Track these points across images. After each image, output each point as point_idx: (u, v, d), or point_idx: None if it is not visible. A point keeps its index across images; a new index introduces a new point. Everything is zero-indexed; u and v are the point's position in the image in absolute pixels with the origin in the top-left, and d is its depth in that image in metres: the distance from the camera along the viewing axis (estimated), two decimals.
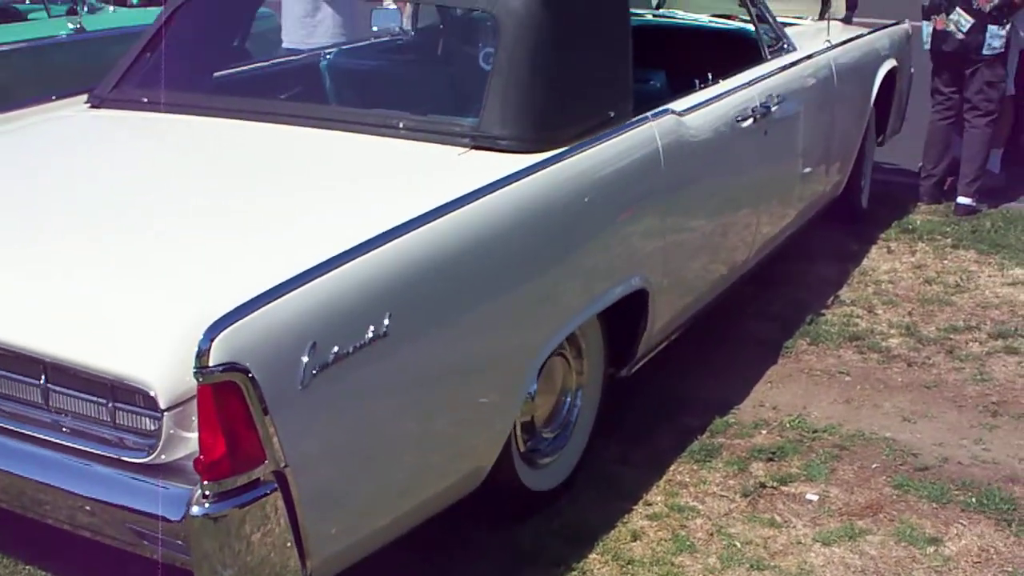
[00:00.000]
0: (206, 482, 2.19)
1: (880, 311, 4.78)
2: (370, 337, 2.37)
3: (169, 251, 2.54)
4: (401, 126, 3.17)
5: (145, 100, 3.54)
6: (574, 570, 3.04)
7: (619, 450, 3.63)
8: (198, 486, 2.21)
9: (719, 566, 3.07)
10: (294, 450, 2.24)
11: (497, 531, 3.18)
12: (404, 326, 2.46)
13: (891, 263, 5.35)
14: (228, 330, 2.13)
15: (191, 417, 2.21)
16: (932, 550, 3.14)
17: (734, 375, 4.18)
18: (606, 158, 3.24)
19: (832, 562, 3.10)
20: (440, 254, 2.59)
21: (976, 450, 3.68)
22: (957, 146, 6.26)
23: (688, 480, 3.48)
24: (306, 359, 2.24)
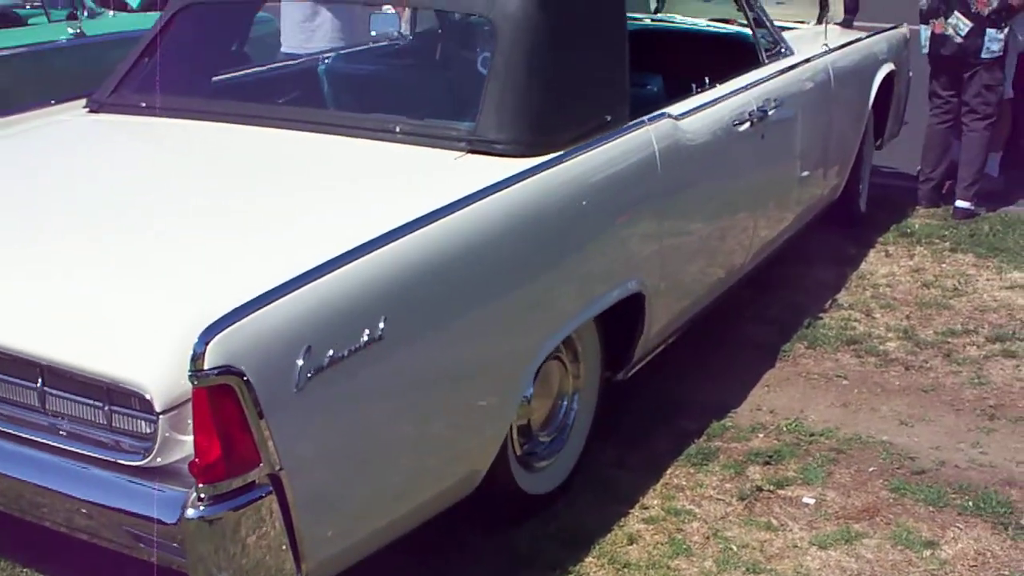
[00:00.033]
0: (201, 485, 2.20)
1: (878, 315, 4.78)
2: (365, 340, 2.38)
3: (165, 255, 2.54)
4: (398, 130, 3.18)
5: (143, 105, 3.55)
6: (570, 573, 3.04)
7: (616, 454, 3.63)
8: (193, 489, 2.22)
9: (715, 569, 3.07)
10: (289, 453, 2.24)
11: (493, 534, 3.18)
12: (399, 329, 2.47)
13: (889, 267, 5.35)
14: (223, 333, 2.13)
15: (187, 420, 2.22)
16: (928, 553, 3.15)
17: (731, 379, 4.18)
18: (602, 162, 3.24)
19: (828, 565, 3.10)
20: (435, 258, 2.60)
21: (973, 453, 3.68)
22: (955, 150, 6.26)
23: (685, 484, 3.48)
24: (301, 362, 2.24)
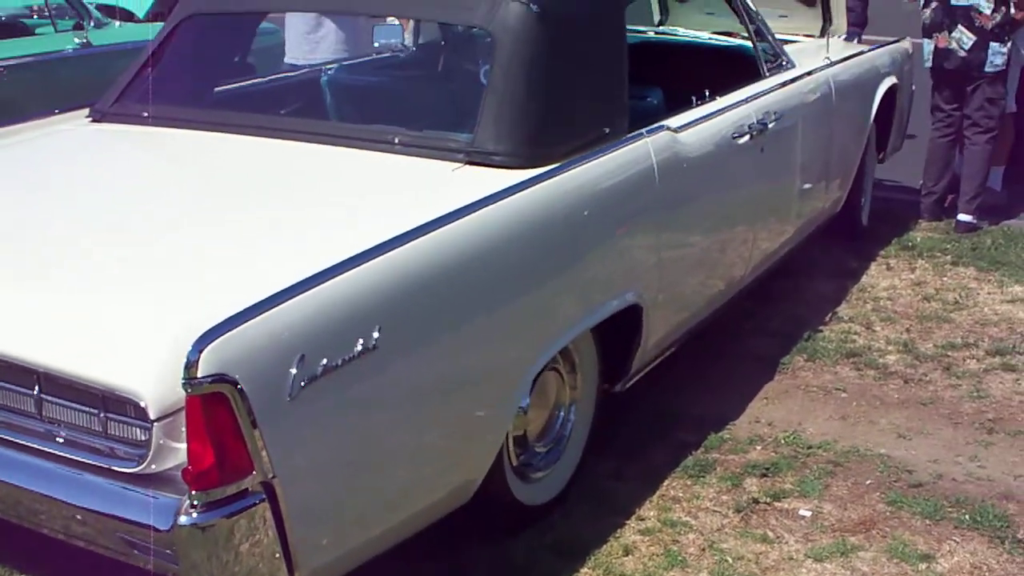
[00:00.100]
0: (194, 492, 2.21)
1: (878, 328, 4.78)
2: (359, 350, 2.39)
3: (161, 263, 2.56)
4: (397, 141, 3.19)
5: (145, 115, 3.57)
6: None
7: (613, 465, 3.63)
8: (186, 496, 2.23)
9: None
10: (282, 461, 2.25)
11: (490, 544, 3.18)
12: (394, 339, 2.48)
13: (890, 280, 5.35)
14: (217, 342, 2.15)
15: (181, 428, 2.23)
16: (924, 567, 3.14)
17: (730, 391, 4.18)
18: (600, 174, 3.26)
19: None
20: (430, 268, 2.61)
21: (971, 467, 3.68)
22: (958, 163, 6.27)
23: (681, 495, 3.48)
24: (294, 371, 2.26)
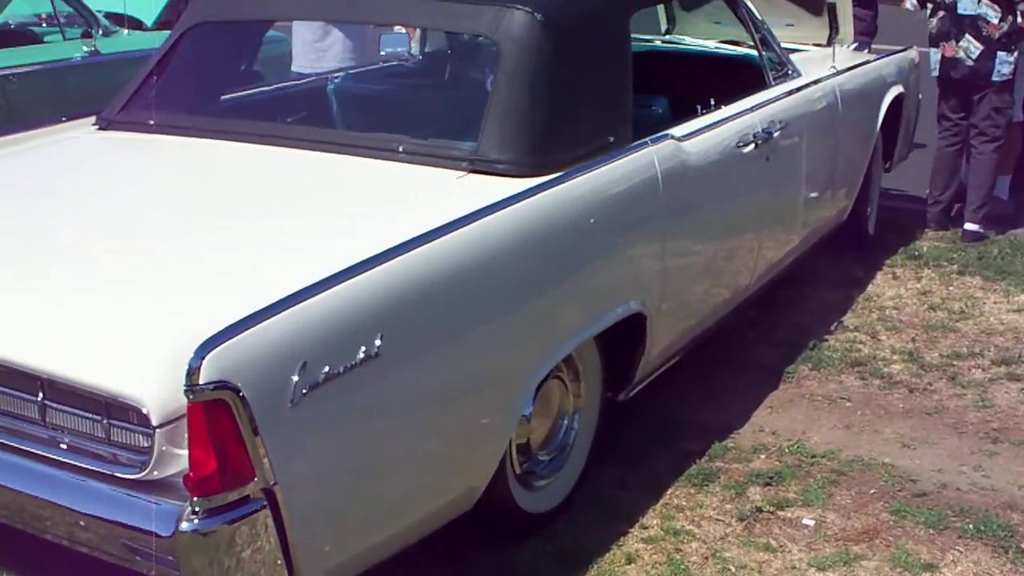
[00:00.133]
0: (195, 498, 2.22)
1: (883, 337, 4.77)
2: (361, 357, 2.40)
3: (165, 270, 2.58)
4: (401, 150, 3.21)
5: (151, 123, 3.59)
6: None
7: (617, 473, 3.63)
8: (188, 502, 2.24)
9: None
10: (283, 468, 2.26)
11: (493, 551, 3.18)
12: (396, 347, 2.48)
13: (896, 289, 5.35)
14: (219, 349, 2.16)
15: (183, 434, 2.24)
16: None
17: (735, 399, 4.18)
18: (603, 183, 3.26)
19: None
20: (433, 276, 2.61)
21: (975, 476, 3.67)
22: (964, 172, 6.27)
23: (685, 504, 3.48)
24: (296, 378, 2.26)
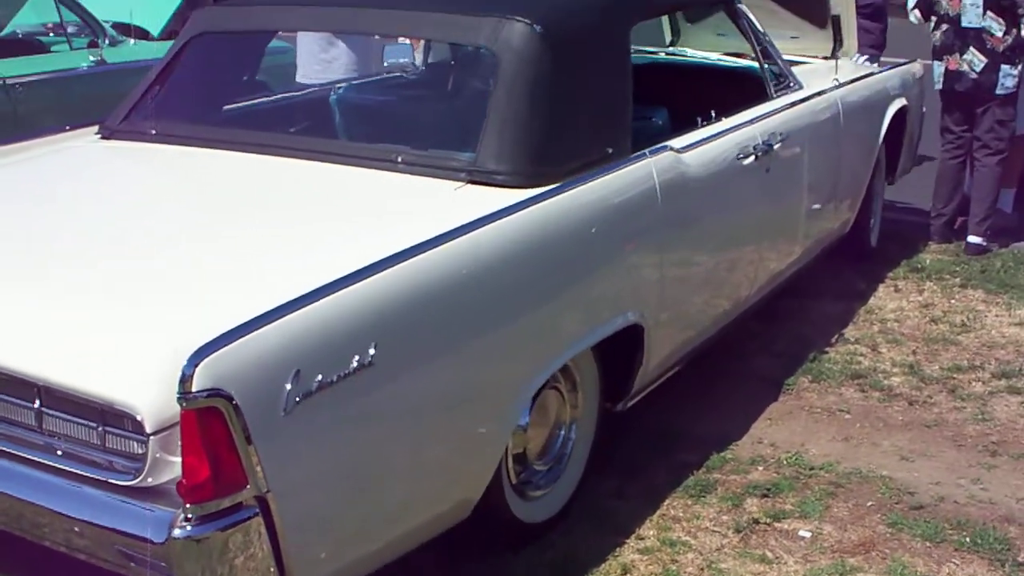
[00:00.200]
0: (188, 505, 2.23)
1: (884, 349, 4.77)
2: (355, 366, 2.41)
3: (161, 278, 2.59)
4: (400, 160, 3.22)
5: (153, 132, 3.62)
6: None
7: (615, 484, 3.63)
8: (181, 509, 2.25)
9: None
10: (276, 475, 2.27)
11: (490, 560, 3.19)
12: (390, 356, 2.49)
13: (898, 302, 5.34)
14: (212, 356, 2.17)
15: (176, 441, 2.25)
16: None
17: (734, 411, 4.18)
18: (601, 194, 3.27)
19: None
20: (428, 286, 2.62)
21: (973, 489, 3.67)
22: (968, 185, 6.26)
23: (681, 515, 3.48)
24: (289, 386, 2.28)
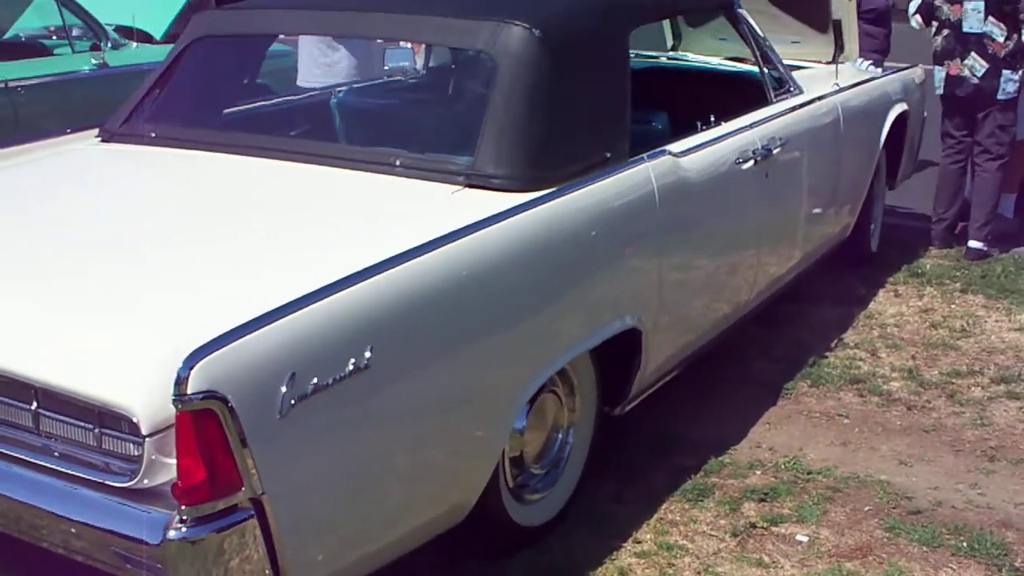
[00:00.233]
0: (183, 507, 2.24)
1: (883, 354, 4.77)
2: (351, 369, 2.41)
3: (158, 281, 2.60)
4: (398, 164, 3.23)
5: (153, 135, 3.63)
6: None
7: (613, 488, 3.64)
8: (176, 511, 2.25)
9: None
10: (271, 478, 2.28)
11: (487, 563, 3.20)
12: (386, 359, 2.50)
13: (898, 307, 5.34)
14: (207, 359, 2.18)
15: (172, 443, 2.25)
16: None
17: (732, 415, 4.18)
18: (599, 198, 3.27)
19: None
20: (424, 290, 2.63)
21: (971, 494, 3.67)
22: (969, 190, 6.26)
23: (679, 519, 3.49)
24: (285, 389, 2.28)
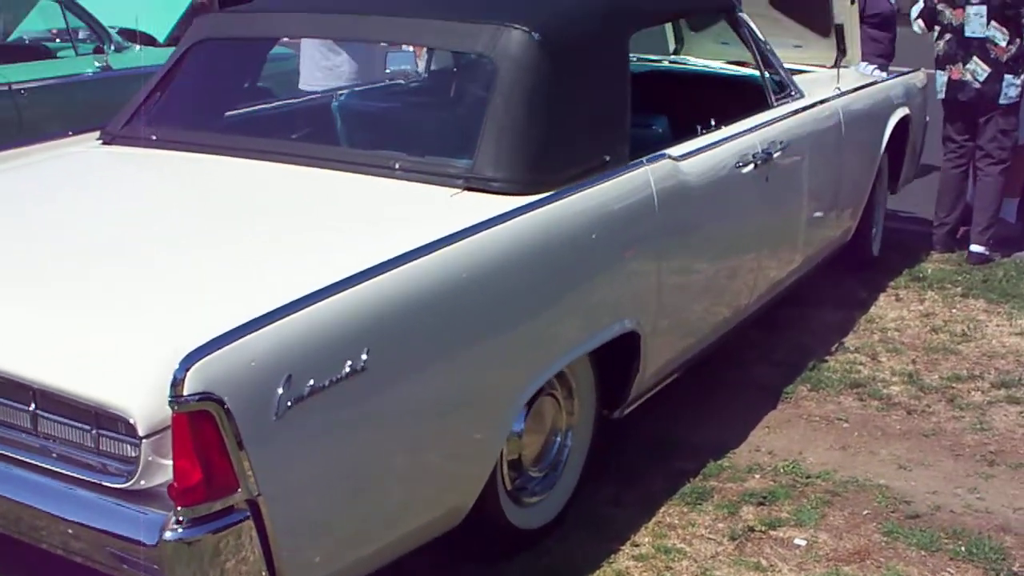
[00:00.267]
0: (180, 508, 2.25)
1: (884, 358, 4.77)
2: (347, 371, 2.42)
3: (156, 283, 2.60)
4: (397, 167, 3.23)
5: (154, 138, 3.64)
6: None
7: (612, 491, 3.64)
8: (172, 512, 2.26)
9: None
10: (267, 479, 2.28)
11: (485, 566, 3.20)
12: (383, 362, 2.50)
13: (899, 311, 5.34)
14: (203, 360, 2.19)
15: (169, 445, 2.26)
16: None
17: (732, 419, 4.18)
18: (598, 201, 3.27)
19: None
20: (421, 292, 2.63)
21: (970, 499, 3.67)
22: (971, 194, 6.26)
23: (677, 522, 3.49)
24: (281, 391, 2.29)
